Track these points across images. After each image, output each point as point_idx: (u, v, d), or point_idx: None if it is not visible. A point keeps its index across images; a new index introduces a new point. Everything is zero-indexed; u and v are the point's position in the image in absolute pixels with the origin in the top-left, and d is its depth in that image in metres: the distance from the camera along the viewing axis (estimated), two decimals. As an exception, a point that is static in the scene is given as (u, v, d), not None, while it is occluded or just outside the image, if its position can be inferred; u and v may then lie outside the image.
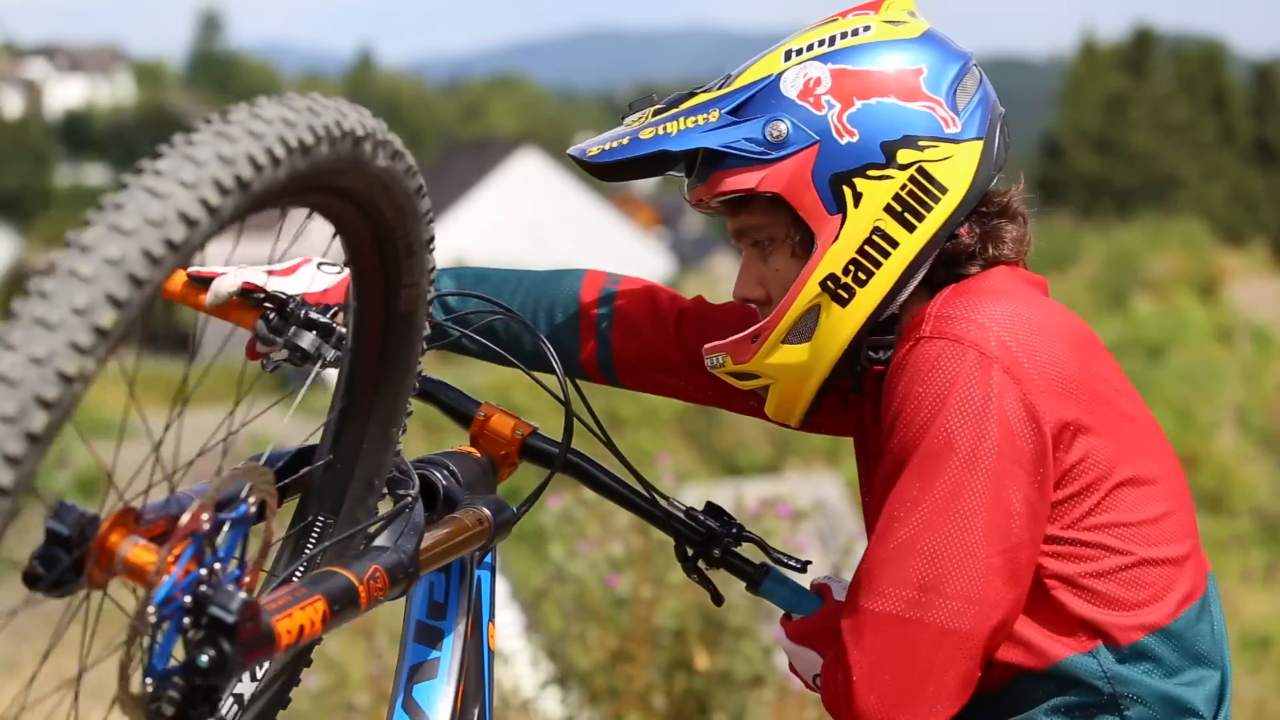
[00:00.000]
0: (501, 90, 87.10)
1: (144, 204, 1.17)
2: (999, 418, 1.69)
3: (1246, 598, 7.77)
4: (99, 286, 1.13)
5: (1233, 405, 18.36)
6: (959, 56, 1.83)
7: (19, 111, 72.28)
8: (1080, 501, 1.73)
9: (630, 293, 2.09)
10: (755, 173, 1.80)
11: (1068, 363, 1.74)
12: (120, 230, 1.15)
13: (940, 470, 1.70)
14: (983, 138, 1.81)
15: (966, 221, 1.81)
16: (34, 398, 1.09)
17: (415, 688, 1.81)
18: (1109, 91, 46.33)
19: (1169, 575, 1.76)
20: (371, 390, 1.62)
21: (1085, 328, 1.84)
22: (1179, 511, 1.80)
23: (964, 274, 1.81)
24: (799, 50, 1.82)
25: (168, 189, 1.18)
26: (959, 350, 1.71)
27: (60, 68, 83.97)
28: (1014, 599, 1.72)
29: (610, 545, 4.78)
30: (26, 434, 1.09)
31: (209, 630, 1.29)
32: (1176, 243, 29.43)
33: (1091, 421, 1.73)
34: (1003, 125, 1.85)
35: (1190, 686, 1.76)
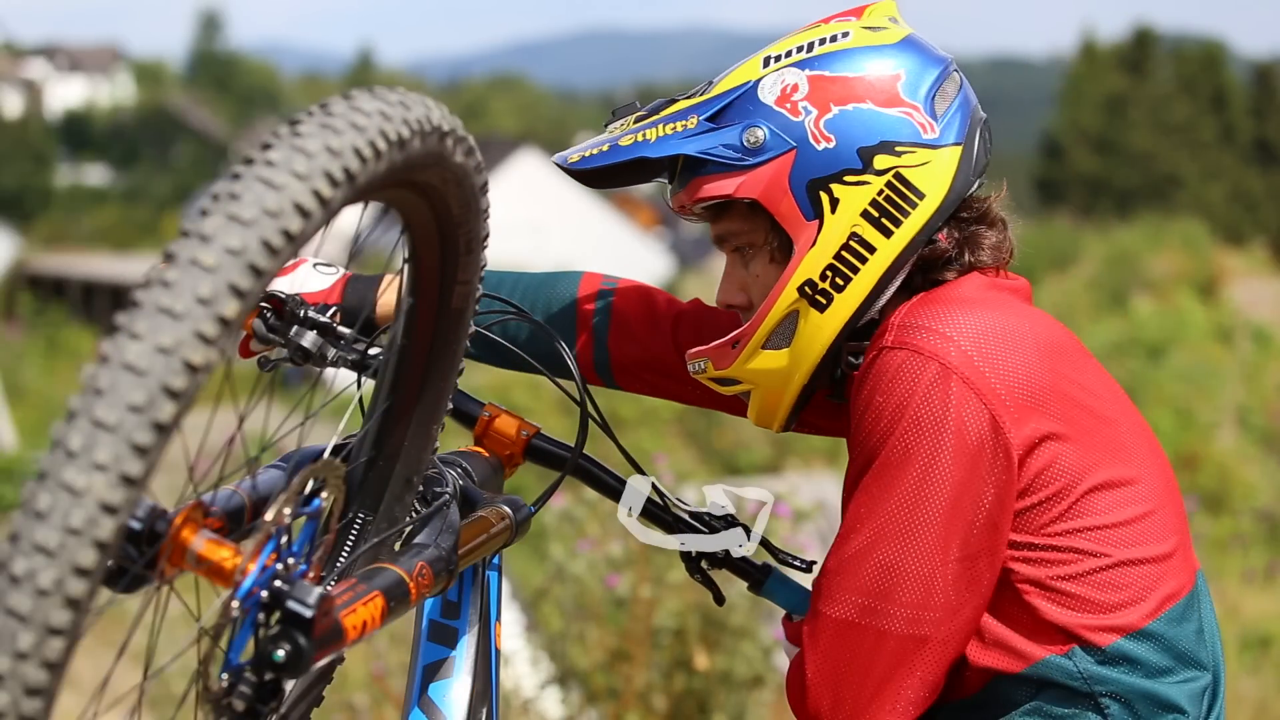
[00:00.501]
0: (501, 90, 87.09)
1: (260, 195, 1.16)
2: (956, 429, 1.69)
3: (1246, 598, 7.77)
4: (222, 276, 1.12)
5: (1233, 405, 18.36)
6: (939, 62, 1.83)
7: (19, 111, 72.26)
8: (1049, 508, 1.73)
9: (627, 295, 2.10)
10: (733, 179, 1.81)
11: (1035, 371, 1.73)
12: (239, 220, 1.15)
13: (898, 481, 1.71)
14: (961, 143, 1.80)
15: (945, 227, 1.81)
16: (161, 387, 1.09)
17: (431, 687, 1.81)
18: (1109, 91, 46.31)
19: (1149, 575, 1.75)
20: (417, 387, 1.62)
21: (1060, 333, 1.82)
22: (1161, 510, 1.79)
23: (941, 279, 1.81)
24: (777, 56, 1.83)
25: (282, 180, 1.18)
26: (919, 361, 1.71)
27: (60, 68, 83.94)
28: (973, 607, 1.73)
29: (610, 545, 4.78)
30: (154, 424, 1.08)
31: (285, 625, 1.28)
32: (1176, 243, 29.42)
33: (1060, 429, 1.73)
34: (983, 130, 1.84)
35: (1174, 685, 1.75)
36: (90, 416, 1.08)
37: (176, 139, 73.87)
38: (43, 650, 1.06)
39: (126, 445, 1.07)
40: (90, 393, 1.09)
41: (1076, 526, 1.73)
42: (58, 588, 1.06)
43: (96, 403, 1.08)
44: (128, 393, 1.08)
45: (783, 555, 1.99)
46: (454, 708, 1.79)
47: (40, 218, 58.40)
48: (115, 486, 1.07)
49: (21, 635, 1.05)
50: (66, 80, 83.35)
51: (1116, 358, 19.87)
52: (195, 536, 1.29)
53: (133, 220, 56.19)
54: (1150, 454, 1.83)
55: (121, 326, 1.11)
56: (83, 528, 1.06)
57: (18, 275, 42.77)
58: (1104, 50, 47.71)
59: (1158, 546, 1.77)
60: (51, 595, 1.06)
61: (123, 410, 1.08)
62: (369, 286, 2.07)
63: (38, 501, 1.07)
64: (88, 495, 1.06)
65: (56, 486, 1.07)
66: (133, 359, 1.09)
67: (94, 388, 1.09)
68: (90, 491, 1.06)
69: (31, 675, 1.06)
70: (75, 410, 1.09)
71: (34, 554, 1.06)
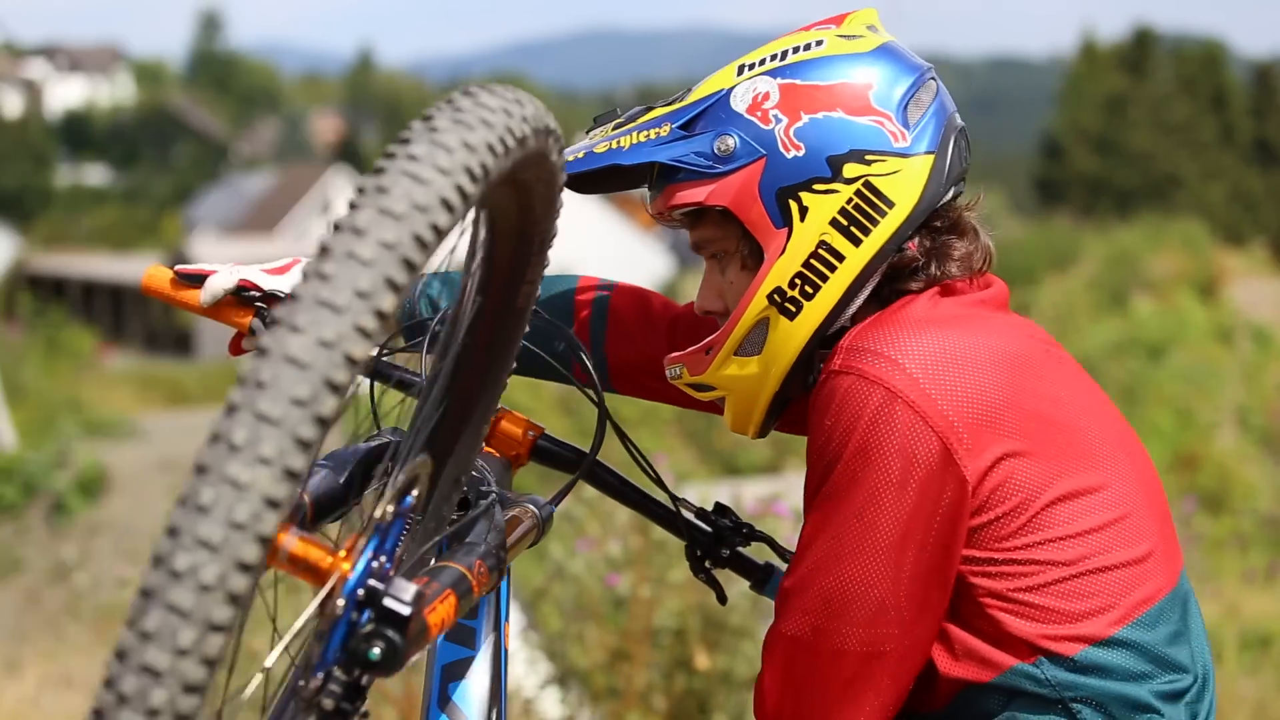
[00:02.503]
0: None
1: (409, 189, 1.16)
2: (902, 456, 1.69)
3: (1247, 598, 7.77)
4: (379, 270, 1.12)
5: (1233, 405, 18.36)
6: (913, 70, 1.82)
7: (19, 111, 72.27)
8: (1006, 523, 1.72)
9: (623, 299, 2.11)
10: (704, 187, 1.81)
11: (988, 390, 1.71)
12: (391, 214, 1.15)
13: (846, 505, 1.71)
14: (934, 151, 1.79)
15: (916, 236, 1.81)
16: (324, 381, 1.08)
17: (450, 686, 1.80)
18: (1109, 91, 46.33)
19: (1119, 581, 1.74)
20: (476, 387, 1.61)
21: (1022, 343, 1.80)
22: (1135, 514, 1.78)
23: (906, 290, 1.81)
24: (751, 65, 1.83)
25: (429, 174, 1.18)
26: (865, 386, 1.70)
27: (60, 68, 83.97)
28: (927, 624, 1.73)
29: (610, 545, 4.78)
30: (317, 418, 1.08)
31: (382, 622, 1.27)
32: (1176, 243, 29.43)
33: (1017, 445, 1.71)
34: (959, 138, 1.83)
35: (1150, 689, 1.73)
36: (253, 410, 1.07)
37: (176, 139, 73.89)
38: (203, 647, 1.04)
39: (290, 439, 1.06)
40: (252, 386, 1.07)
41: (1036, 540, 1.72)
42: (220, 583, 1.04)
43: (259, 396, 1.07)
44: (291, 386, 1.07)
45: (785, 553, 1.99)
46: (474, 707, 1.78)
47: (40, 218, 58.45)
48: (279, 481, 1.06)
49: (183, 631, 1.03)
50: (66, 80, 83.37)
51: (1116, 358, 19.88)
52: (286, 535, 1.27)
53: (132, 220, 56.24)
54: (1126, 457, 1.82)
55: (282, 320, 1.10)
56: (247, 522, 1.05)
57: (18, 275, 42.79)
58: (1104, 50, 47.73)
59: (1129, 551, 1.76)
60: (214, 591, 1.04)
61: (286, 404, 1.07)
62: None
63: (200, 495, 1.05)
64: (252, 490, 1.05)
65: (219, 480, 1.05)
66: (295, 352, 1.08)
67: (256, 381, 1.07)
68: (255, 486, 1.05)
69: (190, 672, 1.04)
70: (237, 404, 1.07)
71: (196, 549, 1.04)
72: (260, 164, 75.19)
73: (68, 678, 6.81)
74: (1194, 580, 8.21)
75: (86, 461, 16.52)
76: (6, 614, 10.71)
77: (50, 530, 14.74)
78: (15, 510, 15.10)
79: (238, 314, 2.03)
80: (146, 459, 18.33)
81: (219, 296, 2.01)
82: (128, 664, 1.04)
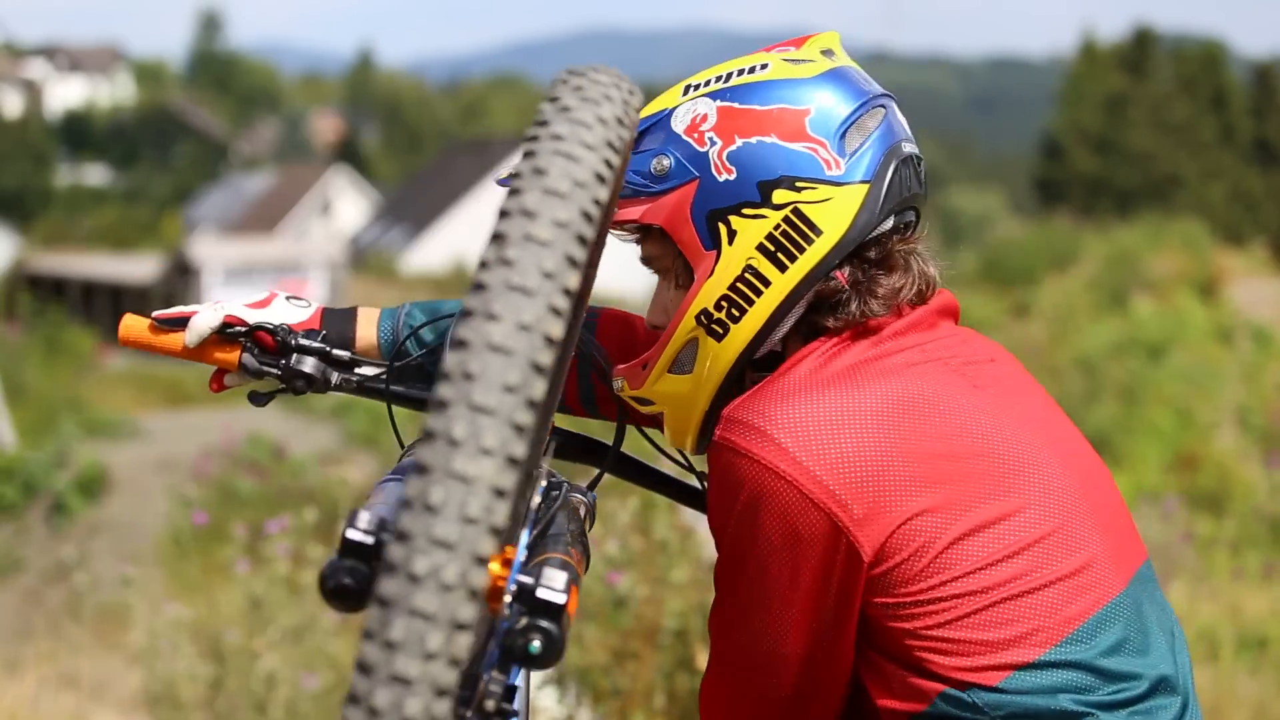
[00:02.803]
0: (501, 90, 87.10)
1: (566, 167, 1.16)
2: (783, 529, 1.69)
3: (1245, 598, 7.77)
4: (559, 249, 1.12)
5: (1233, 405, 18.36)
6: (859, 96, 1.80)
7: (19, 111, 72.28)
8: (908, 568, 1.71)
9: (607, 326, 2.12)
10: (640, 205, 1.82)
11: (869, 449, 1.70)
12: (557, 193, 1.14)
13: (742, 572, 1.75)
14: (869, 181, 1.78)
15: (846, 265, 1.79)
16: (530, 364, 1.08)
17: None
18: (1109, 91, 46.34)
19: (1046, 600, 1.73)
20: (555, 380, 1.63)
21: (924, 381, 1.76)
22: (1064, 528, 1.76)
23: (825, 325, 1.80)
24: (696, 85, 1.83)
25: (579, 151, 1.18)
26: (740, 460, 1.70)
27: (60, 68, 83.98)
28: (840, 668, 1.77)
29: (609, 545, 4.79)
30: (529, 401, 1.07)
31: (537, 614, 1.26)
32: (1176, 243, 29.42)
33: (909, 496, 1.70)
34: (901, 166, 1.80)
35: (1086, 699, 1.72)
36: (468, 402, 1.05)
37: (176, 139, 73.88)
38: (451, 648, 1.03)
39: (509, 426, 1.06)
40: (460, 379, 1.06)
41: (942, 579, 1.71)
42: (462, 580, 1.03)
43: (471, 388, 1.06)
44: (500, 373, 1.06)
45: None
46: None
47: (40, 218, 58.45)
48: (504, 470, 1.05)
49: (431, 635, 1.02)
50: (66, 80, 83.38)
51: (1116, 358, 19.88)
52: None
53: (133, 220, 56.21)
54: (1058, 468, 1.79)
55: (475, 310, 1.09)
56: (480, 516, 1.04)
57: (18, 275, 42.77)
58: (1104, 50, 47.73)
59: (1059, 567, 1.74)
60: (456, 589, 1.03)
61: (499, 392, 1.06)
62: (345, 319, 2.07)
63: (429, 495, 1.04)
64: (479, 482, 1.04)
65: (446, 477, 1.04)
66: (499, 339, 1.07)
67: (463, 373, 1.06)
68: (482, 478, 1.04)
69: (441, 676, 1.03)
70: (449, 399, 1.06)
71: (434, 549, 1.03)
72: (260, 164, 75.17)
73: (67, 678, 6.81)
74: (1194, 580, 8.18)
75: (86, 461, 16.51)
76: (6, 614, 10.70)
77: (50, 530, 14.73)
78: (15, 510, 15.09)
79: (222, 351, 2.02)
80: (146, 459, 18.33)
81: (205, 336, 2.00)
82: (376, 677, 1.02)
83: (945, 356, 1.82)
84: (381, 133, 79.87)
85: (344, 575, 1.27)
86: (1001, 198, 60.29)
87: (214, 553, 9.24)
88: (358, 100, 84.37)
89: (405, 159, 73.84)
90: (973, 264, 30.60)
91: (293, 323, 2.03)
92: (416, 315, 2.09)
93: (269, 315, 2.02)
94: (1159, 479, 14.73)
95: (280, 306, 2.04)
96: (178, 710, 5.81)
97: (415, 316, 2.08)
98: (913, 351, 1.80)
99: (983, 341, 1.90)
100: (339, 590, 1.27)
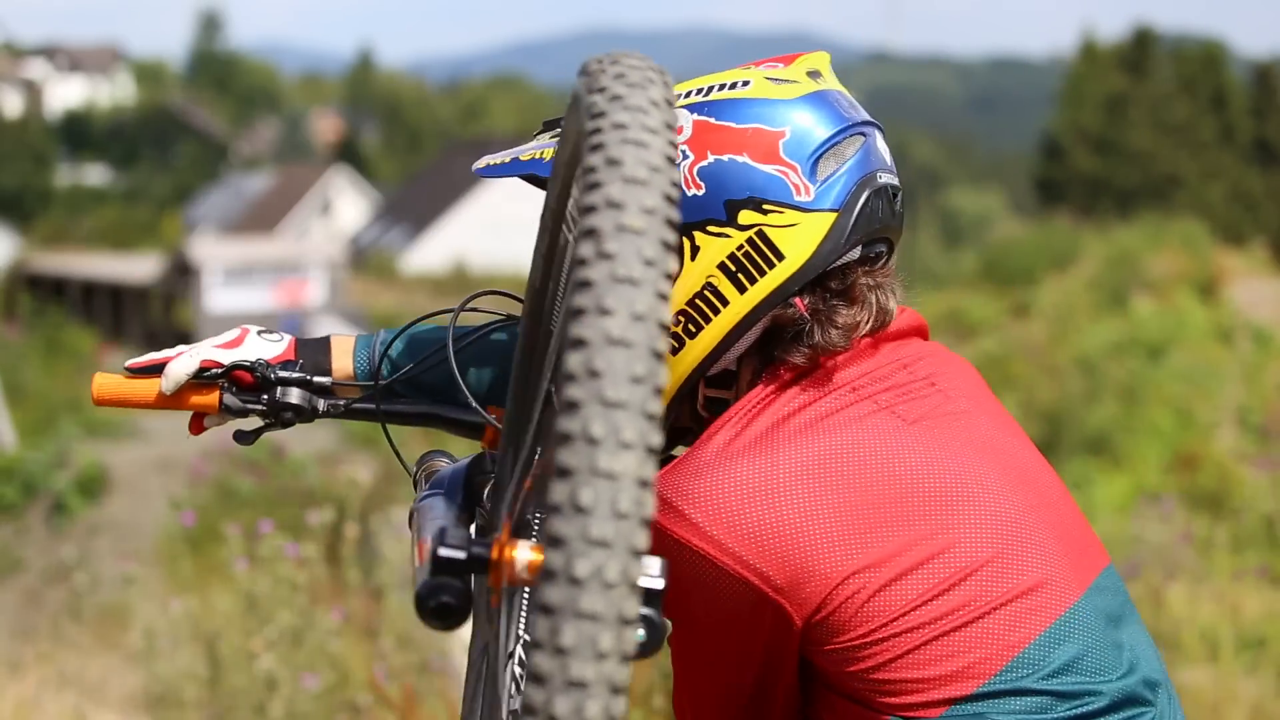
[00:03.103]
0: (501, 90, 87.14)
1: (638, 154, 1.15)
2: (707, 602, 1.71)
3: (1245, 598, 7.77)
4: (654, 235, 1.11)
5: (1233, 405, 18.37)
6: (839, 122, 1.77)
7: (19, 111, 72.32)
8: (837, 617, 1.71)
9: None
10: None
11: (786, 515, 1.69)
12: (637, 181, 1.14)
13: (678, 634, 1.80)
14: (838, 210, 1.75)
15: (806, 294, 1.78)
16: (652, 353, 1.07)
17: None
18: (1109, 91, 46.36)
19: (990, 628, 1.72)
20: None
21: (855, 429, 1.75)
22: (1005, 554, 1.74)
23: (781, 356, 1.78)
24: (678, 96, 1.81)
25: (645, 137, 1.17)
26: (663, 537, 1.71)
27: (60, 68, 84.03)
28: (785, 712, 1.81)
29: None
30: (657, 390, 1.07)
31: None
32: (1176, 243, 29.42)
33: (831, 551, 1.69)
34: (873, 197, 1.78)
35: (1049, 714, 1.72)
36: (600, 399, 1.05)
37: (176, 139, 73.91)
38: (622, 645, 1.03)
39: (643, 417, 1.06)
40: (586, 377, 1.06)
41: (875, 625, 1.71)
42: (624, 576, 1.03)
43: (600, 384, 1.05)
44: (626, 366, 1.06)
45: None
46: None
47: (40, 218, 58.49)
48: (646, 461, 1.05)
49: (602, 635, 1.02)
50: (66, 80, 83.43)
51: (1116, 358, 19.89)
52: (516, 549, 1.26)
53: (133, 220, 56.25)
54: (1002, 489, 1.77)
55: (586, 307, 1.08)
56: (631, 510, 1.04)
57: (18, 275, 42.80)
58: (1104, 50, 47.75)
59: (997, 595, 1.73)
60: (619, 586, 1.03)
61: (628, 385, 1.06)
62: (319, 349, 2.05)
63: (580, 497, 1.03)
64: (625, 477, 1.04)
65: (591, 476, 1.04)
66: (618, 333, 1.07)
67: (589, 370, 1.06)
68: (627, 472, 1.04)
69: (616, 674, 1.03)
70: (579, 399, 1.06)
71: (593, 550, 1.03)
72: (260, 164, 75.20)
73: (67, 678, 6.82)
74: (1193, 580, 8.17)
75: (86, 461, 16.53)
76: (6, 614, 10.71)
77: (50, 530, 14.74)
78: (15, 510, 15.11)
79: (200, 395, 1.99)
80: (146, 459, 18.34)
81: (182, 382, 1.97)
82: (552, 685, 1.02)
83: (876, 393, 1.79)
84: (381, 133, 79.90)
85: (444, 594, 1.27)
86: (1001, 198, 60.32)
87: (212, 553, 9.24)
88: (358, 100, 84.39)
89: (405, 159, 73.88)
90: (973, 264, 30.64)
91: (269, 357, 2.01)
92: (391, 342, 2.06)
93: (244, 353, 2.00)
94: (1159, 479, 14.75)
95: (253, 343, 2.02)
96: (178, 710, 5.82)
97: (390, 343, 2.05)
98: (841, 393, 1.78)
99: (928, 359, 1.87)
100: (441, 609, 1.28)
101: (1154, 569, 7.48)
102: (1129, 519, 9.82)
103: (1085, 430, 17.19)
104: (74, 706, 6.21)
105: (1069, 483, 15.67)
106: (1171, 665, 6.59)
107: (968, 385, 1.88)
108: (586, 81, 1.25)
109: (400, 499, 10.40)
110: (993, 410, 1.87)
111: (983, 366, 20.65)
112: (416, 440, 7.15)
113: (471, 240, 45.64)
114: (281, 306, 36.93)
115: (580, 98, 1.24)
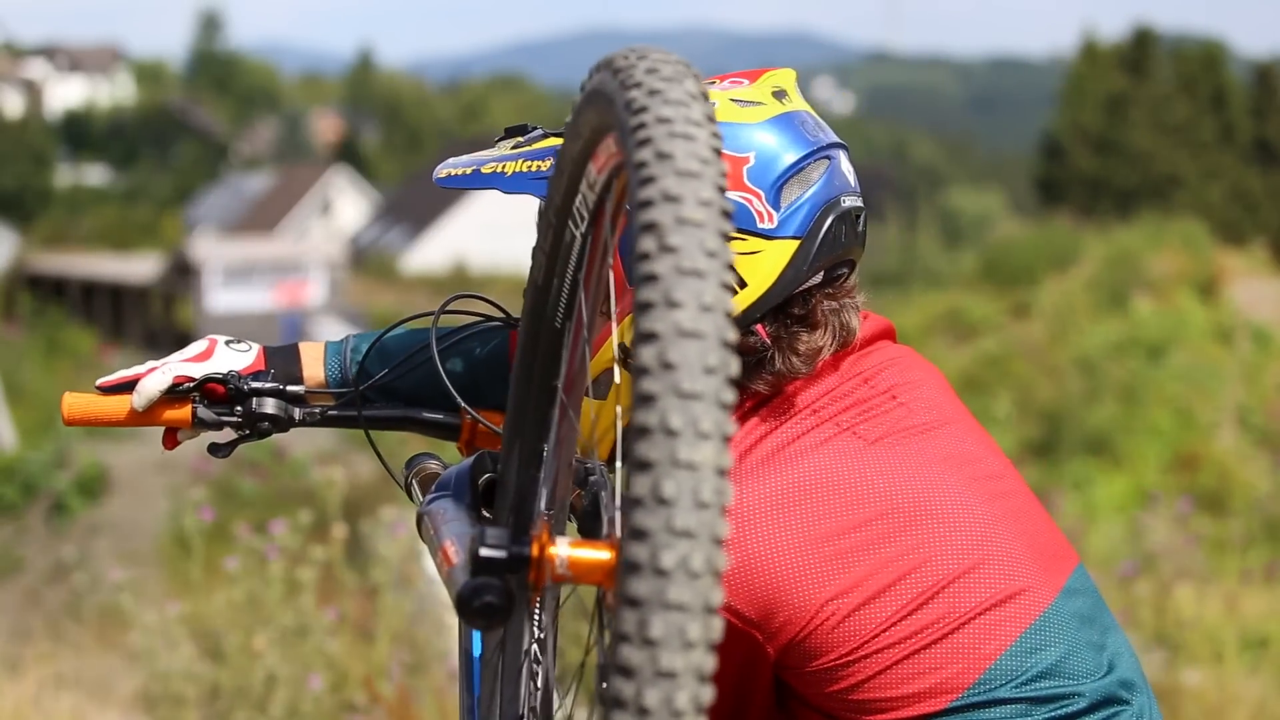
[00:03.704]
0: (501, 90, 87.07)
1: (687, 147, 1.16)
2: None
3: (1246, 597, 7.77)
4: (711, 228, 1.12)
5: (1233, 405, 18.37)
6: (804, 146, 1.76)
7: (19, 111, 72.32)
8: (812, 642, 1.71)
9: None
10: None
11: (749, 551, 1.70)
12: (691, 174, 1.14)
13: None
14: (800, 237, 1.74)
15: (768, 321, 1.77)
16: (722, 343, 1.08)
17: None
18: (1109, 91, 46.34)
19: (959, 643, 1.72)
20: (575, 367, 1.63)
21: (821, 456, 1.74)
22: (974, 568, 1.74)
23: (743, 384, 1.76)
24: None
25: (690, 130, 1.17)
26: None
27: (60, 68, 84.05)
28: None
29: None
30: (729, 380, 1.08)
31: None
32: (1176, 243, 29.41)
33: (797, 584, 1.70)
34: (838, 222, 1.76)
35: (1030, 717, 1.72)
36: (675, 391, 1.06)
37: (176, 139, 73.90)
38: (708, 633, 1.04)
39: (719, 407, 1.06)
40: (660, 369, 1.07)
41: (849, 647, 1.71)
42: (708, 566, 1.04)
43: (675, 376, 1.06)
44: (699, 357, 1.07)
45: None
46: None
47: (40, 218, 58.46)
48: (722, 450, 1.06)
49: (690, 625, 1.03)
50: (66, 80, 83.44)
51: (1116, 358, 19.88)
52: (556, 546, 1.26)
53: (133, 220, 56.23)
54: (961, 505, 1.76)
55: (654, 301, 1.09)
56: (712, 499, 1.05)
57: (18, 275, 42.80)
58: (1104, 50, 47.73)
59: (969, 607, 1.73)
60: (704, 576, 1.04)
61: (702, 375, 1.06)
62: (289, 357, 2.04)
63: (662, 489, 1.04)
64: (705, 467, 1.05)
65: (672, 468, 1.05)
66: (688, 325, 1.07)
67: (662, 363, 1.07)
68: (707, 463, 1.05)
69: (703, 662, 1.04)
70: (655, 392, 1.06)
71: (677, 540, 1.03)
72: (260, 164, 75.20)
73: (67, 678, 6.82)
74: (1194, 580, 8.17)
75: (86, 461, 16.53)
76: (6, 614, 10.71)
77: (50, 530, 14.74)
78: (15, 510, 15.11)
79: (172, 410, 1.98)
80: (146, 459, 18.34)
81: (155, 399, 1.96)
82: (642, 677, 1.03)
83: (837, 413, 1.78)
84: (381, 133, 79.89)
85: (487, 593, 1.28)
86: (1001, 198, 60.28)
87: (216, 553, 9.24)
88: (358, 100, 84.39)
89: (405, 159, 73.84)
90: (973, 264, 30.62)
91: (239, 368, 1.99)
92: (361, 347, 2.05)
93: (214, 365, 1.99)
94: (1159, 479, 14.74)
95: (223, 354, 2.01)
96: (178, 710, 5.82)
97: (360, 349, 2.04)
98: (802, 417, 1.77)
99: (890, 369, 1.86)
100: (485, 609, 1.29)
101: (1161, 569, 7.48)
102: (1131, 519, 9.82)
103: (1085, 430, 17.19)
104: (74, 706, 6.20)
105: (1069, 483, 15.68)
106: (1175, 666, 6.59)
107: (931, 394, 1.86)
108: (618, 77, 1.24)
109: (392, 499, 10.39)
110: (957, 418, 1.86)
111: (983, 366, 20.66)
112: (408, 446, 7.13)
113: (471, 240, 45.62)
114: (281, 306, 36.94)
115: (612, 93, 1.24)
